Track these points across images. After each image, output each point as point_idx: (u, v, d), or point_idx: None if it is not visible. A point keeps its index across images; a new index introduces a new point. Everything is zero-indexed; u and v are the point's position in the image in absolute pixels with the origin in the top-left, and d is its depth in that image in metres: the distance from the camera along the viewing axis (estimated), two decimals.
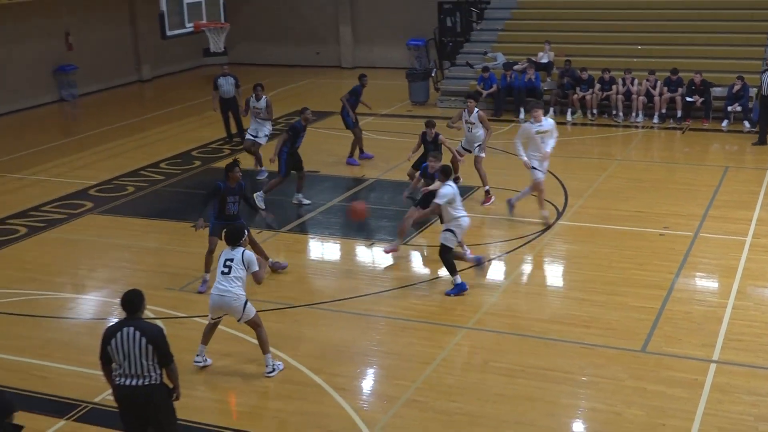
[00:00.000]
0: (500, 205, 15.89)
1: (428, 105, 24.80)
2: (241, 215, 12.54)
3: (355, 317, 11.87)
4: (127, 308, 7.78)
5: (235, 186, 12.23)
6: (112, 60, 29.47)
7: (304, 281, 13.19)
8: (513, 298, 12.34)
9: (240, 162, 12.40)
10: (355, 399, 9.78)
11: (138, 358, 7.59)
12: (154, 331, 7.76)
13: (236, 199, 12.30)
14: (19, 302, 12.52)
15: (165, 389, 7.83)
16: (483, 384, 9.93)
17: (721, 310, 11.58)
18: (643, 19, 25.09)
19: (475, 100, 16.96)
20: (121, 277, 13.34)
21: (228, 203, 12.25)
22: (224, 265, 9.94)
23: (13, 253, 14.49)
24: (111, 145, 21.67)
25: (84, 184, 18.18)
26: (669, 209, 15.49)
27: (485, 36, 26.59)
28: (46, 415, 9.50)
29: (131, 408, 7.76)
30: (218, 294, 9.95)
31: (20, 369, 10.61)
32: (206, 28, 20.99)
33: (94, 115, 25.54)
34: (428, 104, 24.86)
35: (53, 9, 26.50)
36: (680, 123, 21.69)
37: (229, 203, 12.25)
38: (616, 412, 9.30)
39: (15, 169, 19.63)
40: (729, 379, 9.86)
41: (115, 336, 7.62)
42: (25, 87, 26.33)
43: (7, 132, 23.81)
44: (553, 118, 22.15)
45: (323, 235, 15.07)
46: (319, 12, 32.55)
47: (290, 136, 15.77)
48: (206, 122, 22.82)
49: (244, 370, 10.42)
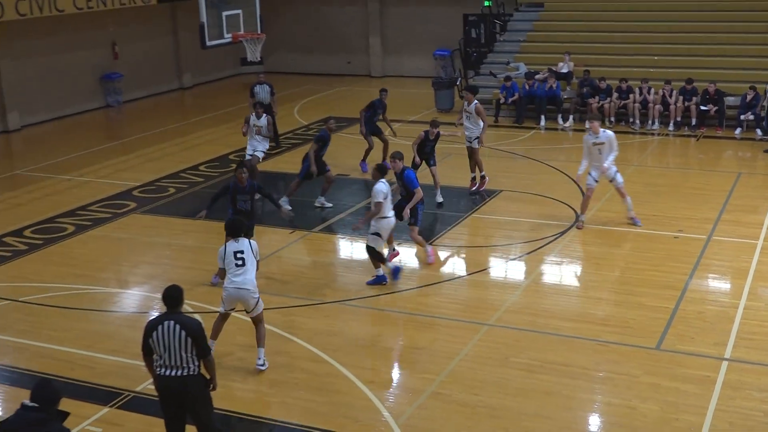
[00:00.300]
0: (523, 208, 15.85)
1: (453, 112, 24.69)
2: (256, 214, 12.75)
3: (382, 314, 11.88)
4: (167, 303, 7.83)
5: (246, 186, 12.29)
6: (155, 68, 29.67)
7: (335, 279, 13.21)
8: (533, 297, 12.29)
9: (247, 164, 12.49)
10: (381, 391, 9.78)
11: (178, 350, 7.63)
12: (193, 325, 7.79)
13: (246, 198, 12.39)
14: (67, 296, 12.63)
15: (202, 380, 7.87)
16: (504, 378, 9.90)
17: (733, 310, 11.48)
18: (659, 31, 24.92)
19: (473, 93, 16.97)
20: (162, 273, 13.42)
21: (239, 201, 12.40)
22: (236, 258, 9.86)
23: (62, 250, 14.63)
24: (153, 148, 21.81)
25: (128, 186, 18.31)
26: (683, 213, 15.37)
27: (508, 47, 26.52)
28: (91, 403, 9.58)
29: (170, 397, 7.81)
30: (235, 287, 9.89)
31: (67, 359, 10.71)
32: (243, 39, 21.04)
33: (137, 121, 25.71)
34: (453, 111, 24.76)
35: (101, 21, 26.71)
36: (695, 131, 21.50)
37: (240, 201, 12.39)
38: (631, 406, 9.24)
39: (64, 170, 19.81)
40: (740, 376, 9.78)
41: (156, 329, 7.67)
42: (74, 94, 26.57)
43: (57, 136, 24.03)
44: (573, 126, 22.35)
45: (352, 235, 15.08)
46: (350, 24, 32.58)
47: (320, 145, 15.97)
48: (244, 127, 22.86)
49: (275, 361, 10.44)
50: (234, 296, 9.99)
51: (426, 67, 30.30)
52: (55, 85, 25.85)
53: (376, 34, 32.20)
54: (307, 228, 15.25)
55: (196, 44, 21.42)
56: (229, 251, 9.91)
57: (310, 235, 14.98)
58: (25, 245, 14.88)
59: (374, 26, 32.17)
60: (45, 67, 25.50)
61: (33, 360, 10.71)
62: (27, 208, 17.12)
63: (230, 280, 9.92)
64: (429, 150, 16.13)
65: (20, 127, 24.59)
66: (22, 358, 10.79)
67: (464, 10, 30.04)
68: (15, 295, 12.69)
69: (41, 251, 14.59)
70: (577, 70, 23.74)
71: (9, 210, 17.11)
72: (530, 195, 16.61)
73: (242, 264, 9.87)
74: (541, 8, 27.52)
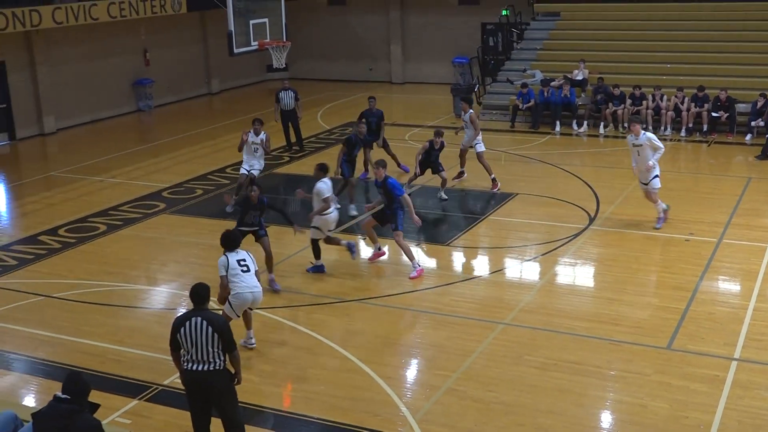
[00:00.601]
0: (539, 210, 15.80)
1: None
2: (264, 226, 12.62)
3: (401, 312, 11.87)
4: (195, 300, 7.86)
5: (257, 203, 12.22)
6: (184, 74, 29.81)
7: (355, 278, 13.20)
8: (547, 297, 12.24)
9: (258, 184, 12.43)
10: (399, 387, 9.77)
11: (204, 346, 7.66)
12: (219, 321, 7.83)
13: (257, 213, 12.31)
14: (98, 293, 12.71)
15: (227, 374, 7.89)
16: (518, 376, 9.86)
17: (743, 311, 11.38)
18: (672, 39, 24.78)
19: (468, 103, 17.57)
20: (190, 271, 13.47)
21: (249, 214, 12.33)
22: (241, 266, 9.97)
23: (94, 249, 14.71)
24: (182, 151, 21.91)
25: (157, 187, 18.39)
26: (695, 216, 15.25)
27: (525, 55, 26.43)
28: (121, 395, 9.63)
29: (197, 391, 7.83)
30: (251, 291, 10.03)
31: (98, 353, 10.77)
32: (269, 46, 21.10)
33: (167, 125, 25.84)
34: None
35: (134, 29, 26.87)
36: (706, 136, 21.35)
37: (250, 214, 12.32)
38: (642, 404, 9.18)
39: (96, 172, 19.93)
40: (749, 376, 9.69)
41: (184, 325, 7.70)
42: (107, 98, 26.74)
43: (90, 139, 24.19)
44: (587, 131, 22.25)
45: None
46: (372, 32, 32.60)
47: (347, 147, 15.99)
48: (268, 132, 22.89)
49: (298, 357, 10.47)
50: (248, 299, 10.09)
51: (445, 74, 30.27)
52: (89, 91, 26.04)
53: (397, 42, 32.19)
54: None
55: (225, 51, 21.48)
56: (232, 261, 9.99)
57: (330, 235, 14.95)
58: (59, 243, 14.98)
59: (395, 34, 32.16)
60: (80, 73, 25.70)
61: (66, 354, 10.78)
62: (61, 207, 17.24)
63: (243, 285, 9.99)
64: (434, 158, 16.26)
65: (56, 131, 24.78)
66: (55, 352, 10.86)
67: (482, 19, 30.00)
68: (49, 292, 12.78)
69: (74, 249, 14.69)
70: (591, 77, 23.64)
71: (44, 210, 17.24)
72: (545, 198, 16.55)
73: (247, 270, 9.99)
74: (557, 18, 27.43)
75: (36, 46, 24.02)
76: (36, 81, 24.22)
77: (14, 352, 10.92)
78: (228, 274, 9.96)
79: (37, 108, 24.38)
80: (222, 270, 9.98)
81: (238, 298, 10.04)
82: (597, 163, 19.43)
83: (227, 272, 9.95)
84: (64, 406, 6.35)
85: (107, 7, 23.83)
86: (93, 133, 25.02)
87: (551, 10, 27.69)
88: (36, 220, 16.47)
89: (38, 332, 11.43)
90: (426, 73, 31.57)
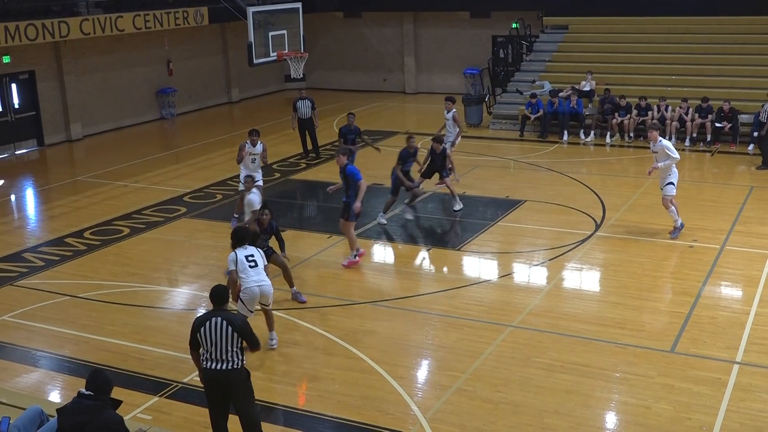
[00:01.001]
0: (546, 217, 15.75)
1: (481, 127, 24.66)
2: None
3: (412, 314, 11.85)
4: (215, 300, 7.87)
5: (267, 227, 12.02)
6: (205, 84, 29.91)
7: (368, 281, 13.19)
8: (554, 301, 12.19)
9: (270, 209, 12.11)
10: (411, 387, 9.75)
11: (224, 345, 7.67)
12: (239, 321, 7.84)
13: (267, 237, 12.02)
14: (122, 293, 12.75)
15: (245, 373, 7.89)
16: (526, 377, 9.82)
17: (745, 316, 11.30)
18: (676, 52, 24.68)
19: (453, 102, 18.01)
20: (209, 273, 13.49)
21: (260, 239, 11.90)
22: (249, 260, 10.00)
23: (117, 251, 14.76)
24: (203, 158, 21.96)
25: (179, 192, 18.45)
26: (698, 224, 15.16)
27: (534, 66, 26.39)
28: (142, 392, 9.65)
29: (215, 389, 7.84)
30: (258, 285, 10.02)
31: (121, 351, 10.80)
32: (288, 57, 21.16)
33: (188, 132, 25.93)
34: (481, 126, 24.72)
35: (158, 40, 26.99)
36: (710, 146, 21.24)
37: (261, 239, 11.85)
38: (646, 406, 9.12)
39: (120, 177, 20.01)
40: (751, 379, 9.61)
41: (204, 325, 7.71)
42: (131, 106, 26.87)
43: (115, 145, 24.28)
44: (594, 140, 22.19)
45: (385, 240, 15.07)
46: (387, 44, 32.62)
47: (400, 162, 15.56)
48: (285, 139, 23.01)
49: (313, 357, 10.46)
50: (256, 293, 10.07)
51: (456, 85, 30.25)
52: (114, 99, 26.18)
53: (411, 53, 32.19)
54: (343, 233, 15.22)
55: (244, 62, 21.57)
56: (240, 256, 10.01)
57: (345, 239, 14.96)
58: (84, 245, 15.05)
59: (409, 46, 32.16)
60: (105, 81, 25.84)
61: (90, 352, 10.81)
62: (87, 211, 17.32)
63: (251, 280, 10.01)
64: (439, 164, 16.13)
65: (82, 137, 24.91)
66: (79, 350, 10.90)
67: (493, 31, 30.02)
68: (75, 292, 12.84)
69: (99, 251, 14.75)
70: (598, 88, 23.57)
71: (70, 213, 17.32)
72: (553, 205, 16.50)
73: (255, 265, 10.01)
74: (566, 30, 27.39)
75: (64, 56, 24.17)
76: (64, 89, 24.37)
77: (41, 349, 10.96)
78: (237, 269, 9.99)
79: (64, 115, 24.53)
80: (231, 265, 10.02)
81: (247, 292, 10.07)
82: (603, 171, 19.36)
83: (236, 266, 9.99)
84: (87, 402, 6.37)
85: (132, 19, 23.97)
86: (118, 139, 25.13)
87: (559, 24, 27.67)
88: (63, 222, 16.55)
89: (63, 330, 11.48)
90: (438, 83, 31.55)
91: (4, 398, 8.03)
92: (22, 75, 23.50)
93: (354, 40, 32.94)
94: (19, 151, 23.50)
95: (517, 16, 27.88)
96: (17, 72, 23.29)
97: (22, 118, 23.64)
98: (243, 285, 10.05)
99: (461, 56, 30.73)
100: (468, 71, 29.78)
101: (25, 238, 15.83)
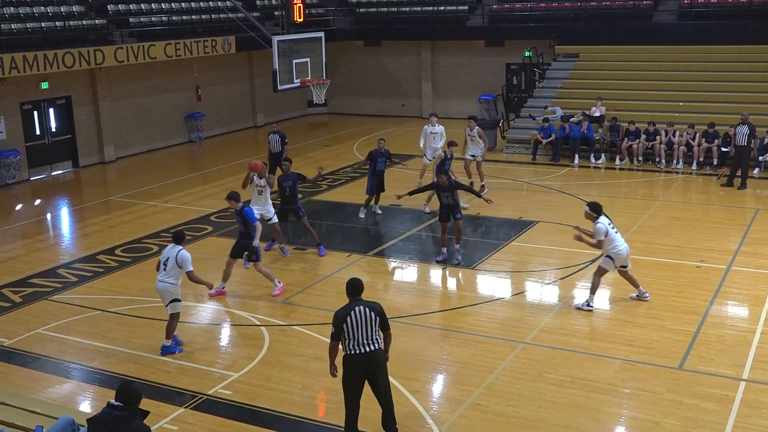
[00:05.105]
0: (558, 237, 15.69)
1: (496, 151, 24.64)
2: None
3: (428, 330, 11.80)
4: (353, 291, 8.49)
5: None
6: (232, 109, 30.12)
7: (386, 298, 13.14)
8: (566, 318, 12.11)
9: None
10: (426, 400, 9.70)
11: (370, 329, 8.30)
12: (378, 306, 8.46)
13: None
14: (150, 308, 12.78)
15: (383, 353, 8.49)
16: (537, 392, 9.75)
17: (751, 334, 11.17)
18: (683, 79, 24.67)
19: (475, 120, 19.50)
20: (233, 289, 13.49)
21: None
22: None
23: (147, 267, 14.79)
24: (229, 179, 22.03)
25: (206, 212, 18.53)
26: (705, 245, 15.05)
27: (546, 92, 26.39)
28: (169, 404, 9.66)
29: (363, 371, 8.36)
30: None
31: (148, 364, 10.83)
32: (310, 84, 21.29)
33: (216, 155, 26.06)
34: (495, 150, 24.70)
35: (187, 67, 27.27)
36: (716, 170, 21.12)
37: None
38: (654, 421, 9.02)
39: (150, 197, 20.15)
40: (757, 396, 9.49)
41: (349, 314, 8.31)
42: (162, 130, 27.10)
43: (145, 167, 24.47)
44: (604, 163, 22.13)
45: (403, 259, 15.05)
46: (405, 71, 32.75)
47: (369, 161, 17.32)
48: (306, 162, 23.11)
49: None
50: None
51: (471, 110, 30.16)
52: (146, 123, 26.42)
53: (428, 80, 32.29)
54: (362, 252, 15.26)
55: (269, 88, 21.68)
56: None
57: (364, 258, 14.98)
58: (115, 262, 15.13)
59: (426, 73, 32.27)
60: (137, 107, 26.09)
61: (119, 364, 10.84)
62: (118, 229, 17.43)
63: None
64: (448, 167, 16.56)
65: (115, 159, 25.13)
66: (110, 362, 10.93)
67: (507, 59, 30.07)
68: (106, 306, 12.90)
69: (129, 268, 14.82)
70: (608, 113, 23.53)
71: (103, 231, 17.44)
72: (564, 226, 16.41)
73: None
74: (577, 59, 27.40)
75: (99, 83, 24.44)
76: (98, 114, 24.62)
77: (73, 361, 11.01)
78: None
79: (98, 138, 24.77)
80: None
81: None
82: (613, 193, 19.26)
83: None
84: (116, 412, 6.38)
85: (164, 48, 24.24)
86: (148, 161, 25.32)
87: (571, 52, 27.70)
88: (95, 240, 16.66)
89: (95, 344, 11.53)
90: (454, 109, 31.58)
91: (37, 408, 8.06)
92: (59, 100, 23.79)
93: (373, 67, 33.10)
94: (55, 172, 23.74)
95: (530, 45, 27.96)
96: (55, 97, 23.58)
97: (58, 141, 23.91)
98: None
99: (476, 83, 30.80)
100: (483, 97, 29.82)
101: (59, 255, 15.95)
